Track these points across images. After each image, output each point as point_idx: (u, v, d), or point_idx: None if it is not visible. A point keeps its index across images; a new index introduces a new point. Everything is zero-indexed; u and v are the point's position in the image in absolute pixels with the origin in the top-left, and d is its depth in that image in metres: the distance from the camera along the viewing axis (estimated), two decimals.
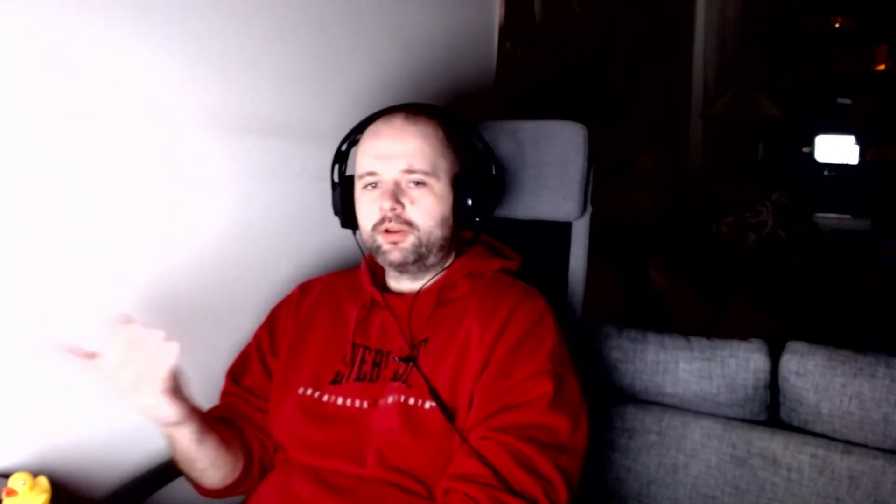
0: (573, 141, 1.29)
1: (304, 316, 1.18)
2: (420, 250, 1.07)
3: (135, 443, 1.16)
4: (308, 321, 1.17)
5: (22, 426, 1.03)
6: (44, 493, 0.91)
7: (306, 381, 1.10)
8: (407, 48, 1.56)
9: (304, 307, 1.19)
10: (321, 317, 1.17)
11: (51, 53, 1.00)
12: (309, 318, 1.18)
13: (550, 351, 1.02)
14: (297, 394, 1.09)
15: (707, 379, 1.33)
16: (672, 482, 1.34)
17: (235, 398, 1.16)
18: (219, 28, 1.19)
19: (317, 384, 1.10)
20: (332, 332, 1.14)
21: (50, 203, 1.03)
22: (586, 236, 1.32)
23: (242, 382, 1.17)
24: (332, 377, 1.09)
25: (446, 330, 1.07)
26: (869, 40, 4.72)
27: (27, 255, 1.01)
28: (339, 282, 1.21)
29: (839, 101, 4.77)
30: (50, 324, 1.04)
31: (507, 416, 0.97)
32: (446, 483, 0.95)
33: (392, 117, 1.10)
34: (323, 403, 1.07)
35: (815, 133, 4.51)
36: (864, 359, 1.22)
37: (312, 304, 1.19)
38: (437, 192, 1.08)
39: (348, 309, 1.16)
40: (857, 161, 4.44)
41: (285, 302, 1.22)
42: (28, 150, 0.99)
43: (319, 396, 1.08)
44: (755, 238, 3.22)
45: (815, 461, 1.23)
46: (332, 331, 1.14)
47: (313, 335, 1.15)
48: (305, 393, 1.09)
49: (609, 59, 3.89)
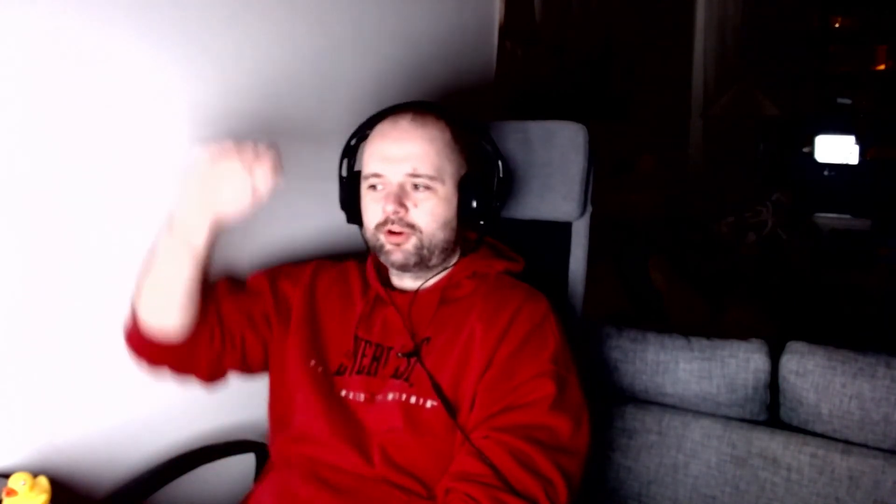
0: (573, 141, 1.29)
1: (318, 296, 1.18)
2: (422, 252, 1.08)
3: (135, 443, 1.16)
4: (320, 303, 1.17)
5: (22, 426, 1.03)
6: (44, 493, 0.91)
7: (317, 359, 1.11)
8: (407, 48, 1.56)
9: (318, 288, 1.19)
10: (332, 304, 1.17)
11: (51, 53, 1.00)
12: (322, 301, 1.18)
13: (553, 352, 1.02)
14: (310, 366, 1.10)
15: (707, 379, 1.33)
16: (672, 482, 1.34)
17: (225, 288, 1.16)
18: (219, 28, 1.19)
19: (326, 369, 1.11)
20: (341, 322, 1.15)
21: (50, 203, 1.03)
22: (586, 236, 1.32)
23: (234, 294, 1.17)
24: (336, 368, 1.10)
25: (449, 329, 1.07)
26: (869, 40, 4.72)
27: (28, 255, 1.01)
28: (351, 272, 1.21)
29: (839, 101, 4.77)
30: (50, 324, 1.05)
31: (509, 417, 0.97)
32: (447, 482, 0.95)
33: (399, 118, 1.09)
34: (332, 386, 1.08)
35: (815, 133, 4.51)
36: (864, 359, 1.22)
37: (326, 288, 1.19)
38: (441, 195, 1.07)
39: (356, 301, 1.16)
40: (857, 161, 4.44)
41: (297, 270, 1.22)
42: (28, 150, 1.00)
43: (329, 379, 1.09)
44: (755, 238, 3.22)
45: (815, 461, 1.23)
46: (341, 320, 1.15)
47: (324, 319, 1.16)
48: (317, 370, 1.10)
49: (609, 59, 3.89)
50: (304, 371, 1.10)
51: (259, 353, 1.16)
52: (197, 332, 1.09)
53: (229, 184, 0.97)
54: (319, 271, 1.21)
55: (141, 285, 1.05)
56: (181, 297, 1.04)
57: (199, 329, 1.09)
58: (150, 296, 1.05)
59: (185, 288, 1.03)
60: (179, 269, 1.02)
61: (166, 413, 1.21)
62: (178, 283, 1.03)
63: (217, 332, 1.11)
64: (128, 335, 1.09)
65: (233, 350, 1.13)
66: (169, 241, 1.02)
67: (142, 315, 1.06)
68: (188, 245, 1.01)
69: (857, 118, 4.61)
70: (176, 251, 1.02)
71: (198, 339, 1.09)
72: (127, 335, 1.09)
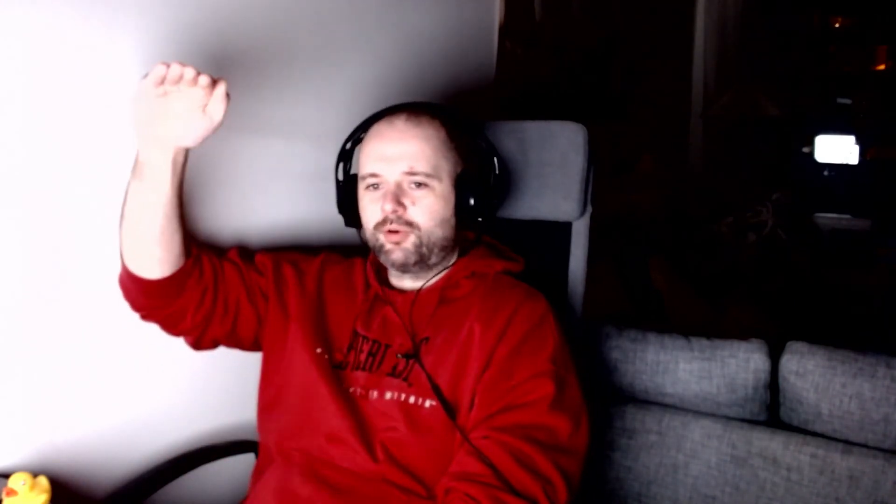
0: (573, 141, 1.29)
1: (325, 288, 1.18)
2: (421, 250, 1.08)
3: (135, 443, 1.16)
4: (327, 295, 1.18)
5: (22, 426, 1.03)
6: (44, 493, 0.91)
7: (323, 348, 1.11)
8: (407, 48, 1.56)
9: (325, 280, 1.19)
10: (336, 297, 1.17)
11: (51, 53, 1.00)
12: (328, 293, 1.18)
13: (552, 352, 1.02)
14: (316, 353, 1.10)
15: (707, 379, 1.33)
16: (672, 482, 1.34)
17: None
18: (219, 28, 1.19)
19: (332, 358, 1.11)
20: (343, 317, 1.15)
21: (51, 203, 1.03)
22: (586, 236, 1.32)
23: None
24: (338, 362, 1.11)
25: (448, 329, 1.07)
26: (869, 40, 4.72)
27: (28, 255, 1.01)
28: (356, 269, 1.21)
29: (839, 101, 4.77)
30: (50, 324, 1.05)
31: (508, 417, 0.97)
32: (447, 482, 0.95)
33: (394, 118, 1.10)
34: (339, 379, 1.08)
35: (815, 133, 4.51)
36: (864, 359, 1.22)
37: (332, 281, 1.19)
38: (438, 192, 1.08)
39: (357, 297, 1.16)
40: (857, 161, 4.44)
41: (304, 260, 1.22)
42: (29, 150, 1.00)
43: (335, 371, 1.09)
44: (755, 238, 3.22)
45: (815, 461, 1.23)
46: (343, 314, 1.15)
47: (329, 311, 1.16)
48: (324, 357, 1.10)
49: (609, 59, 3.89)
50: (310, 358, 1.10)
51: (251, 327, 1.16)
52: (187, 287, 1.09)
53: (182, 116, 0.95)
54: (328, 264, 1.22)
55: (120, 234, 1.05)
56: (157, 235, 1.03)
57: (190, 284, 1.09)
58: (130, 242, 1.05)
59: (160, 227, 1.02)
60: (151, 209, 1.01)
61: (166, 413, 1.21)
62: (152, 223, 1.02)
63: (210, 291, 1.11)
64: (122, 286, 1.09)
65: (225, 314, 1.13)
66: (136, 184, 1.01)
67: (127, 263, 1.06)
68: (154, 182, 1.00)
69: (857, 118, 4.61)
70: (143, 192, 1.01)
71: (187, 293, 1.09)
72: (121, 287, 1.09)
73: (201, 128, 0.97)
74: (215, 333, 1.15)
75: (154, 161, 0.98)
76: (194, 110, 0.95)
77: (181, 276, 1.08)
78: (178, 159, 1.00)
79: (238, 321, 1.15)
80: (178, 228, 1.05)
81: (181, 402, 1.23)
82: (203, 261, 1.12)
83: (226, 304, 1.13)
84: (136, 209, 1.02)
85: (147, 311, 1.11)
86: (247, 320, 1.15)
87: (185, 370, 1.21)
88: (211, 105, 0.95)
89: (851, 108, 4.73)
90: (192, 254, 1.10)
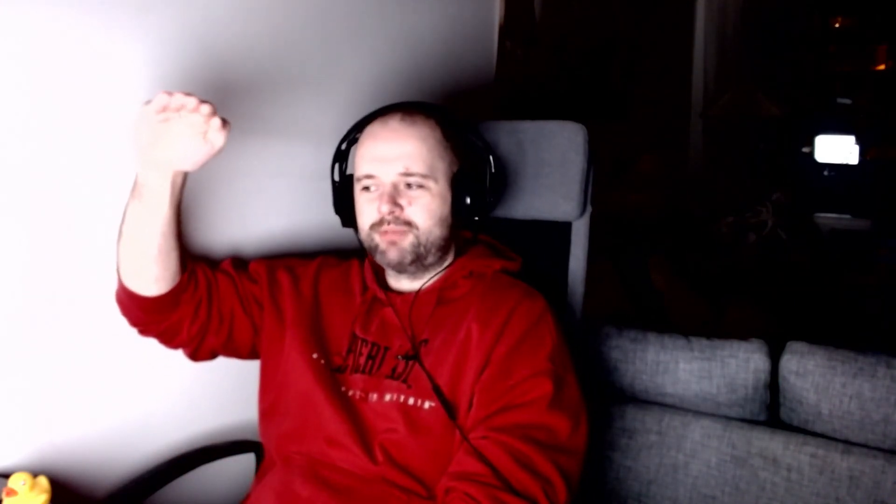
0: (573, 141, 1.29)
1: (321, 292, 1.18)
2: (418, 250, 1.08)
3: (135, 443, 1.16)
4: (323, 299, 1.18)
5: (22, 426, 1.03)
6: (44, 493, 0.91)
7: (320, 353, 1.11)
8: (407, 48, 1.56)
9: (322, 284, 1.19)
10: (333, 301, 1.17)
11: (51, 53, 1.00)
12: (325, 297, 1.18)
13: (550, 351, 1.02)
14: (312, 358, 1.10)
15: (707, 379, 1.33)
16: (672, 482, 1.34)
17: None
18: (219, 28, 1.19)
19: (329, 363, 1.11)
20: (341, 320, 1.15)
21: (51, 203, 1.03)
22: (586, 236, 1.32)
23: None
24: (336, 365, 1.11)
25: (447, 330, 1.07)
26: (869, 40, 4.72)
27: (28, 255, 1.01)
28: (353, 271, 1.21)
29: (839, 101, 4.77)
30: (50, 324, 1.05)
31: (506, 416, 0.97)
32: (447, 482, 0.95)
33: (389, 119, 1.10)
34: (336, 382, 1.08)
35: (815, 133, 4.51)
36: (864, 359, 1.22)
37: (328, 285, 1.19)
38: (434, 192, 1.08)
39: (355, 299, 1.16)
40: (857, 161, 4.44)
41: (299, 265, 1.22)
42: (29, 150, 1.00)
43: (332, 375, 1.09)
44: (755, 238, 3.21)
45: (815, 461, 1.23)
46: (341, 318, 1.15)
47: (326, 315, 1.16)
48: (320, 362, 1.10)
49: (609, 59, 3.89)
50: (307, 363, 1.10)
51: (247, 336, 1.16)
52: (182, 301, 1.10)
53: (182, 141, 0.96)
54: (324, 267, 1.22)
55: (118, 252, 1.06)
56: (155, 254, 1.04)
57: (185, 298, 1.10)
58: (127, 260, 1.05)
59: (158, 247, 1.03)
60: (149, 229, 1.02)
61: (166, 413, 1.21)
62: (150, 243, 1.03)
63: (204, 304, 1.12)
64: (119, 303, 1.10)
65: (220, 325, 1.14)
66: (135, 205, 1.01)
67: (125, 280, 1.07)
68: (153, 203, 1.00)
69: (857, 118, 4.61)
70: (142, 213, 1.01)
71: (182, 307, 1.10)
72: (118, 303, 1.10)
73: (201, 153, 0.97)
74: (212, 344, 1.15)
75: (153, 183, 0.99)
76: (195, 136, 0.96)
77: (177, 292, 1.09)
78: (176, 182, 1.01)
79: (233, 331, 1.15)
80: (176, 247, 1.05)
81: (181, 402, 1.23)
82: (197, 274, 1.12)
83: (220, 315, 1.14)
84: (134, 229, 1.02)
85: (144, 325, 1.11)
86: (242, 330, 1.16)
87: (185, 370, 1.21)
88: (210, 133, 0.96)
89: (851, 108, 4.73)
90: (187, 268, 1.10)
